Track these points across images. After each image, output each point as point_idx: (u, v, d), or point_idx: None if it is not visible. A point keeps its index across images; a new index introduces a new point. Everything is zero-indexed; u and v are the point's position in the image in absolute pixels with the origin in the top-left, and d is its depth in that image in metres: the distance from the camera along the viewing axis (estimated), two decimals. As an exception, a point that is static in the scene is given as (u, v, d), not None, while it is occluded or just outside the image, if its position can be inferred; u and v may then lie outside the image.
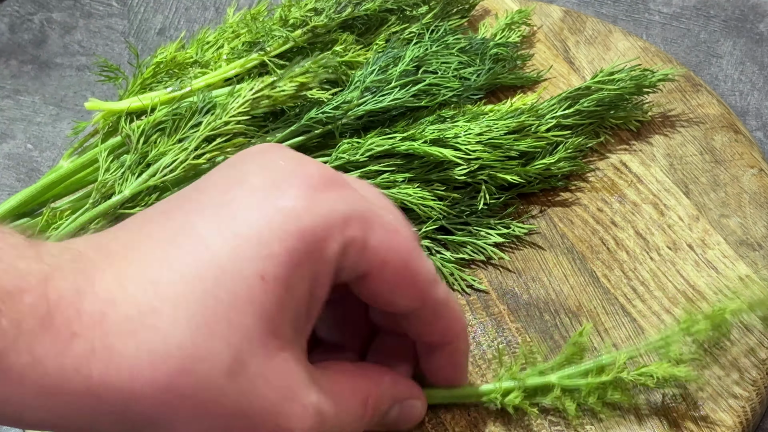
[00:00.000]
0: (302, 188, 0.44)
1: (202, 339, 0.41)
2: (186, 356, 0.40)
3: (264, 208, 0.43)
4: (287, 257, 0.42)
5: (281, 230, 0.43)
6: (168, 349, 0.40)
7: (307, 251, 0.43)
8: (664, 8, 0.79)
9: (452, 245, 0.64)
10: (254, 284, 0.42)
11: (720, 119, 0.69)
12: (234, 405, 0.42)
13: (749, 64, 0.76)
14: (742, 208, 0.65)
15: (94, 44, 0.81)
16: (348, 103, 0.64)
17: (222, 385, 0.41)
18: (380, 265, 0.47)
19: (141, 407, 0.40)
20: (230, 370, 0.41)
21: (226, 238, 0.42)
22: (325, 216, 0.44)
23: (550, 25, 0.75)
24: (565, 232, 0.65)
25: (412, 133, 0.63)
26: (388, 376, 0.53)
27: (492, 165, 0.64)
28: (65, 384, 0.39)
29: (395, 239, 0.47)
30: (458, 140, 0.63)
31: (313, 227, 0.43)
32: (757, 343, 0.60)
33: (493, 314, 0.62)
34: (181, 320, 0.40)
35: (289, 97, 0.63)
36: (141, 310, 0.40)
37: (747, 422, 0.57)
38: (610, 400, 0.56)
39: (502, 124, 0.64)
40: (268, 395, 0.43)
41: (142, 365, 0.40)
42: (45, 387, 0.39)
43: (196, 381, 0.41)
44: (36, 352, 0.38)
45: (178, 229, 0.43)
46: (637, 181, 0.67)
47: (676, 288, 0.62)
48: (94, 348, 0.39)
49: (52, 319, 0.39)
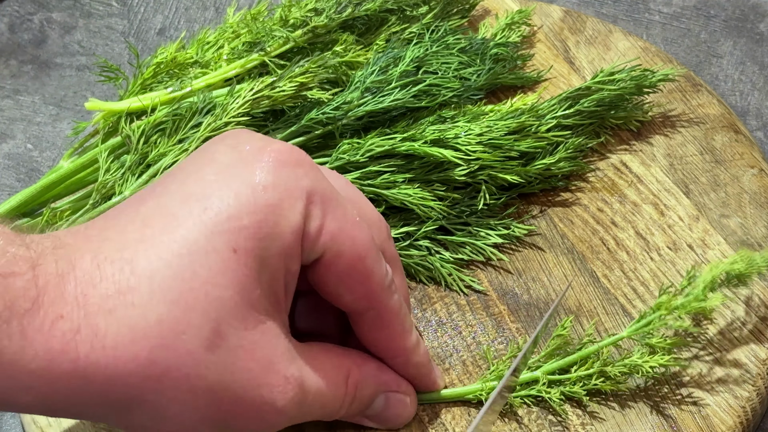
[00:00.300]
0: (269, 163, 0.45)
1: (180, 312, 0.41)
2: (165, 330, 0.41)
3: (233, 183, 0.44)
4: (257, 229, 0.44)
5: (250, 204, 0.44)
6: (147, 325, 0.41)
7: (276, 223, 0.44)
8: (664, 8, 0.79)
9: (452, 245, 0.64)
10: (227, 257, 0.43)
11: (720, 119, 0.69)
12: (216, 378, 0.42)
13: (749, 64, 0.76)
14: (742, 208, 0.65)
15: (94, 44, 0.81)
16: (348, 103, 0.64)
17: (203, 357, 0.42)
18: (334, 253, 0.47)
19: (126, 385, 0.41)
20: (210, 342, 0.42)
21: (198, 214, 0.43)
22: (290, 189, 0.45)
23: (550, 25, 0.75)
24: (565, 232, 0.65)
25: (413, 133, 0.63)
26: (374, 363, 0.53)
27: (492, 165, 0.64)
28: (54, 367, 0.40)
29: (353, 231, 0.48)
30: (458, 141, 0.63)
31: (280, 200, 0.45)
32: (757, 343, 0.60)
33: (493, 314, 0.62)
34: (158, 296, 0.41)
35: (289, 97, 0.63)
36: (119, 288, 0.41)
37: (747, 422, 0.57)
38: (598, 388, 0.57)
39: (503, 125, 0.64)
40: (249, 367, 0.44)
41: (124, 342, 0.41)
42: (35, 371, 0.40)
43: (177, 354, 0.41)
44: (27, 334, 0.39)
45: (151, 212, 0.44)
46: (638, 181, 0.67)
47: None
48: (78, 328, 0.40)
49: (41, 302, 0.40)
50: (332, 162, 0.63)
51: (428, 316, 0.62)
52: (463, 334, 0.62)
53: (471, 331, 0.62)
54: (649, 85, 0.68)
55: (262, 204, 0.44)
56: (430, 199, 0.63)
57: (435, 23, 0.71)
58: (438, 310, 0.63)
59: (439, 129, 0.63)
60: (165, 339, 0.41)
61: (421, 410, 0.59)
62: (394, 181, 0.63)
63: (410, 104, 0.65)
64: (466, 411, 0.58)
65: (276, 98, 0.63)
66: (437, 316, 0.62)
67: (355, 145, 0.63)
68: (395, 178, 0.63)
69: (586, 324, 0.61)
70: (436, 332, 0.62)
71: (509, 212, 0.66)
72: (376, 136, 0.63)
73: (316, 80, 0.64)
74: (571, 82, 0.72)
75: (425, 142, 0.63)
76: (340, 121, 0.64)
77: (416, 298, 0.63)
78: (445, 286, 0.63)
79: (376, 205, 0.64)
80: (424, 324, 0.62)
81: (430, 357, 0.57)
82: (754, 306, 0.61)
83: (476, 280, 0.64)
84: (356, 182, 0.63)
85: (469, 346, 0.61)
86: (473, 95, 0.68)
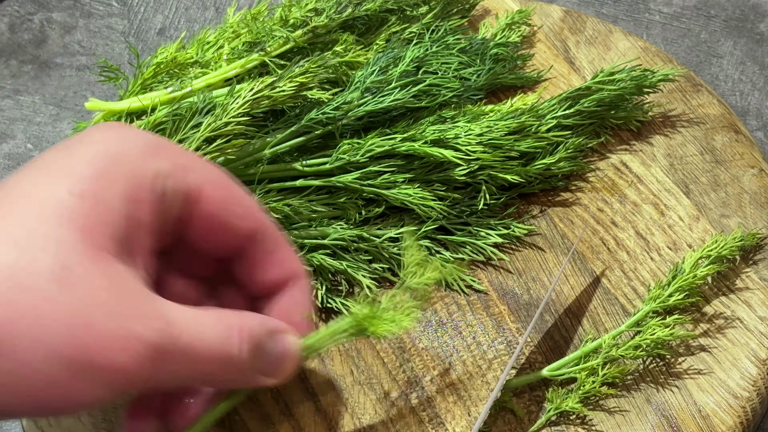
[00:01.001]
0: (116, 126, 0.49)
1: (25, 252, 0.43)
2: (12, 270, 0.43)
3: (75, 145, 0.48)
4: (93, 173, 0.46)
5: (88, 155, 0.47)
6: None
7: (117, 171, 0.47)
8: (664, 8, 0.79)
9: (452, 245, 0.64)
10: (64, 199, 0.45)
11: (720, 119, 0.69)
12: (69, 311, 0.43)
13: (750, 64, 0.76)
14: (742, 209, 0.65)
15: (94, 44, 0.81)
16: (348, 103, 0.64)
17: (52, 291, 0.43)
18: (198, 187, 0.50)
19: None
20: (58, 275, 0.43)
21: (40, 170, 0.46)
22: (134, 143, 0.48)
23: (550, 25, 0.75)
24: (565, 232, 0.65)
25: (413, 133, 0.63)
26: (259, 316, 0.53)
27: (492, 165, 0.64)
28: None
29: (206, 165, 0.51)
30: (458, 141, 0.63)
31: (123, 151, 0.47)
32: (757, 343, 0.60)
33: (493, 314, 0.62)
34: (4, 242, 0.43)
35: (289, 97, 0.63)
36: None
37: (747, 422, 0.57)
38: (608, 379, 0.57)
39: (503, 125, 0.64)
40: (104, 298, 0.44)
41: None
42: None
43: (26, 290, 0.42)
44: None
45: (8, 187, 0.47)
46: (638, 181, 0.67)
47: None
48: None
49: None
50: (332, 162, 0.63)
51: (428, 316, 0.62)
52: (463, 334, 0.62)
53: (471, 331, 0.62)
54: (649, 85, 0.68)
55: (101, 153, 0.47)
56: (430, 199, 0.63)
57: (435, 23, 0.71)
58: (438, 310, 0.63)
59: (439, 129, 0.63)
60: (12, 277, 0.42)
61: (421, 410, 0.59)
62: (394, 181, 0.63)
63: (410, 104, 0.65)
64: (467, 411, 0.58)
65: (276, 98, 0.63)
66: (437, 316, 0.62)
67: (355, 145, 0.63)
68: (395, 178, 0.63)
69: (586, 324, 0.61)
70: (436, 332, 0.62)
71: (509, 212, 0.66)
72: (377, 137, 0.64)
73: (316, 80, 0.64)
74: (571, 82, 0.72)
75: (425, 142, 0.63)
76: (340, 121, 0.64)
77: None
78: (446, 286, 0.63)
79: (377, 205, 0.64)
80: (424, 324, 0.62)
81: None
82: (754, 306, 0.61)
83: (476, 280, 0.64)
84: (356, 182, 0.63)
85: (469, 346, 0.61)
86: (473, 95, 0.68)
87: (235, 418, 0.60)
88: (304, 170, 0.64)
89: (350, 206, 0.64)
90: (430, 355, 0.61)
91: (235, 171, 0.63)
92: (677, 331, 0.58)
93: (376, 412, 0.60)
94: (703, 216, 0.65)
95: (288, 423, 0.60)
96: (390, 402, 0.60)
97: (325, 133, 0.64)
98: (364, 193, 0.63)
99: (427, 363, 0.61)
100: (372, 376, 0.61)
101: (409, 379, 0.60)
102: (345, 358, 0.61)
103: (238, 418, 0.60)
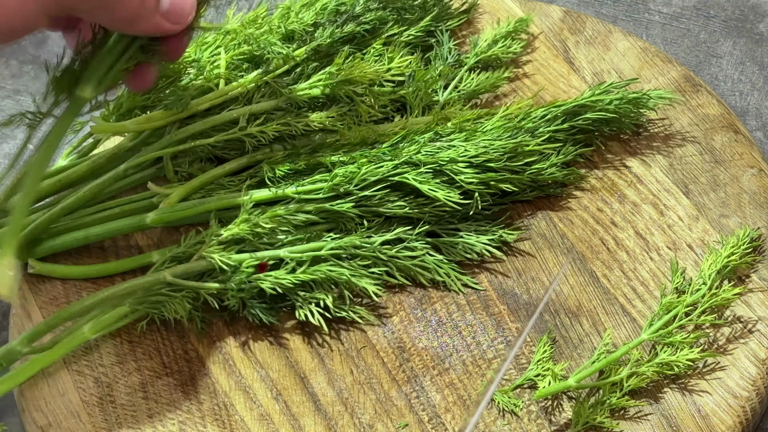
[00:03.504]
0: None
1: None
2: None
3: None
4: None
5: None
6: None
7: None
8: (664, 8, 0.79)
9: (444, 246, 0.64)
10: None
11: (720, 119, 0.69)
12: None
13: (749, 64, 0.76)
14: (741, 208, 0.65)
15: (94, 44, 0.81)
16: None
17: None
18: None
19: None
20: None
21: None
22: None
23: (550, 25, 0.75)
24: (565, 232, 0.65)
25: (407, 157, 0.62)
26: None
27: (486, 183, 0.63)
28: None
29: None
30: (453, 167, 0.62)
31: None
32: (756, 343, 0.60)
33: (493, 314, 0.62)
34: None
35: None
36: None
37: (747, 422, 0.58)
38: (632, 388, 0.57)
39: (499, 146, 0.63)
40: None
41: None
42: None
43: None
44: None
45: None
46: (637, 181, 0.67)
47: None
48: None
49: None
50: (326, 191, 0.63)
51: (428, 316, 0.63)
52: (463, 334, 0.62)
53: (471, 331, 0.62)
54: (645, 106, 0.67)
55: None
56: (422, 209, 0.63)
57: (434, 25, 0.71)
58: (438, 310, 0.63)
59: (434, 150, 0.63)
60: None
61: (421, 410, 0.59)
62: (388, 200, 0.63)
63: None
64: (467, 411, 0.58)
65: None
66: (437, 316, 0.63)
67: (348, 174, 0.62)
68: (389, 197, 0.63)
69: (586, 324, 0.61)
70: (436, 332, 0.62)
71: (503, 219, 0.65)
72: (369, 164, 0.63)
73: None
74: (570, 82, 0.72)
75: (416, 165, 0.62)
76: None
77: (416, 298, 0.63)
78: (445, 286, 0.63)
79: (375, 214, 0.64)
80: (424, 324, 0.62)
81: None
82: (753, 306, 0.61)
83: (476, 280, 0.64)
84: (352, 210, 0.63)
85: (469, 346, 0.61)
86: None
87: (235, 418, 0.60)
88: (298, 197, 0.63)
89: (347, 221, 0.63)
90: (430, 355, 0.61)
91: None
92: (707, 354, 0.58)
93: (376, 412, 0.60)
94: (703, 216, 0.65)
95: (288, 423, 0.60)
96: (390, 402, 0.60)
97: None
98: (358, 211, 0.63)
99: (427, 363, 0.61)
100: (372, 376, 0.61)
101: (409, 379, 0.60)
102: (345, 358, 0.62)
103: (238, 417, 0.60)
